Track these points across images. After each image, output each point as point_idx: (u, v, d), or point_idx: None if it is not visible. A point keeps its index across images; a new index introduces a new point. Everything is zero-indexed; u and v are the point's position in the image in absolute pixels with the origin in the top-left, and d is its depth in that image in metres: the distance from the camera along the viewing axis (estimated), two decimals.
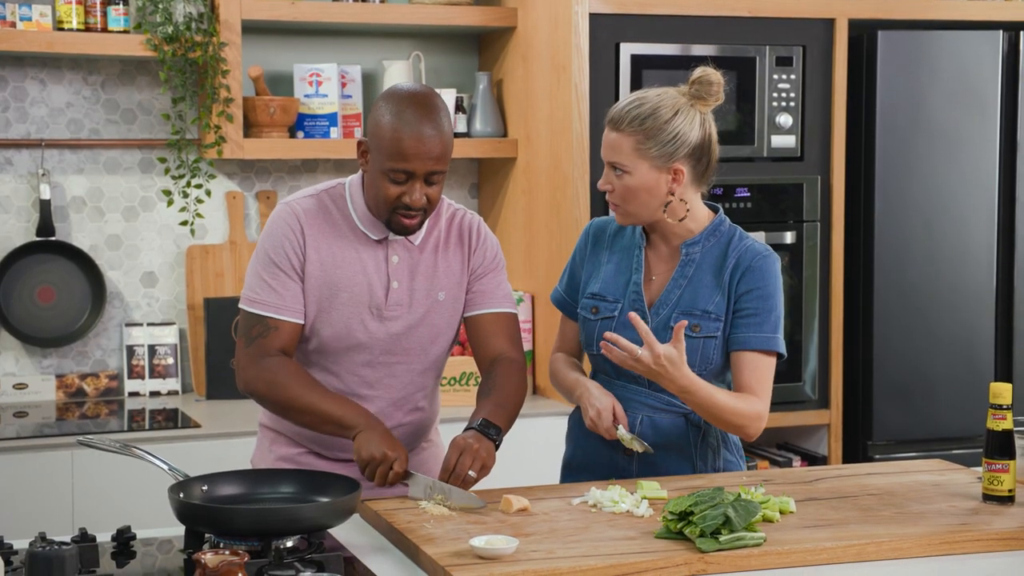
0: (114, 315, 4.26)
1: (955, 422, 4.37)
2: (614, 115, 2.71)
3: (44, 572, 1.83)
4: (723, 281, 2.74)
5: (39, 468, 3.60)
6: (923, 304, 4.32)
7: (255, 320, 2.70)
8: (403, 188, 2.62)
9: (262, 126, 4.12)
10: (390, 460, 2.54)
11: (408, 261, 2.76)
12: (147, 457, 2.50)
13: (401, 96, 2.64)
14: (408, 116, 2.60)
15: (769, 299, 2.73)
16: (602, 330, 2.78)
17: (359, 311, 2.72)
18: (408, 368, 2.79)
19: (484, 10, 4.30)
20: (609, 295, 2.81)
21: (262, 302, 2.70)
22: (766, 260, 2.74)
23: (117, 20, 4.01)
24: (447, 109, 2.68)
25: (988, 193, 4.35)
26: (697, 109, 2.71)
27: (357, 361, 2.75)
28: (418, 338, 2.78)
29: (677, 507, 2.34)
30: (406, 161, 2.59)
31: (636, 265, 2.81)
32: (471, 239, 2.83)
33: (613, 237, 2.88)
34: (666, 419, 2.78)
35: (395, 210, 2.65)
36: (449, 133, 2.65)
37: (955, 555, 2.35)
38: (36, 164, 4.15)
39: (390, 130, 2.60)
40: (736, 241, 2.78)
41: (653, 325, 2.74)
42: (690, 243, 2.77)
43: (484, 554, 2.21)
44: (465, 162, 4.59)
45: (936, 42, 4.29)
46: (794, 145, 4.23)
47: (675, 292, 2.77)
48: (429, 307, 2.77)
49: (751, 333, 2.73)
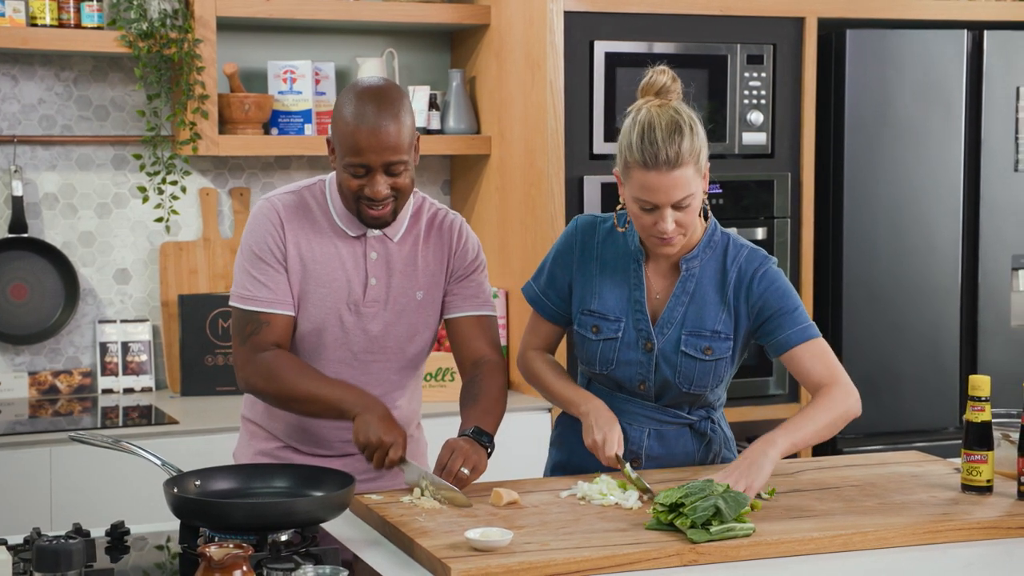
0: (87, 312, 4.24)
1: (922, 415, 4.44)
2: (664, 156, 2.57)
3: (51, 566, 1.84)
4: (727, 297, 2.73)
5: (14, 466, 3.58)
6: (890, 299, 4.39)
7: (247, 317, 2.72)
8: (363, 181, 2.64)
9: (237, 123, 4.12)
10: (386, 446, 2.56)
11: (387, 258, 2.77)
12: (140, 452, 2.51)
13: (357, 91, 2.66)
14: (361, 110, 2.61)
15: (787, 294, 2.73)
16: (605, 351, 2.76)
17: (336, 306, 2.74)
18: (385, 366, 2.80)
19: (458, 7, 4.32)
20: (610, 313, 2.77)
21: (252, 298, 2.72)
22: (766, 264, 2.74)
23: (91, 16, 4.00)
24: (405, 100, 2.67)
25: (953, 189, 4.42)
26: (677, 103, 2.67)
27: (332, 358, 2.76)
28: (395, 336, 2.79)
29: (667, 499, 2.37)
30: (360, 155, 2.61)
31: (636, 281, 2.76)
32: (452, 239, 2.84)
33: (603, 243, 2.81)
34: (671, 430, 2.80)
35: (359, 202, 2.67)
36: (407, 123, 2.64)
37: (938, 544, 2.40)
38: (8, 160, 4.13)
39: (344, 125, 2.63)
40: (732, 251, 2.75)
41: (660, 345, 2.73)
42: (689, 257, 2.74)
43: (480, 546, 2.24)
44: (438, 159, 4.61)
45: (903, 41, 4.35)
46: (765, 142, 4.28)
47: (678, 310, 2.74)
48: (406, 305, 2.78)
49: (791, 330, 2.71)
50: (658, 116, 2.61)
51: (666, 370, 2.73)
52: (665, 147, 2.57)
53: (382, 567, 2.28)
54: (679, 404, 2.78)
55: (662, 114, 2.61)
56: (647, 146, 2.58)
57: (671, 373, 2.73)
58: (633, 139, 2.61)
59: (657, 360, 2.73)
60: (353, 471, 2.68)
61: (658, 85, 2.67)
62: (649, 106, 2.64)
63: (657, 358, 2.73)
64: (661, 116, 2.61)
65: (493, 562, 2.18)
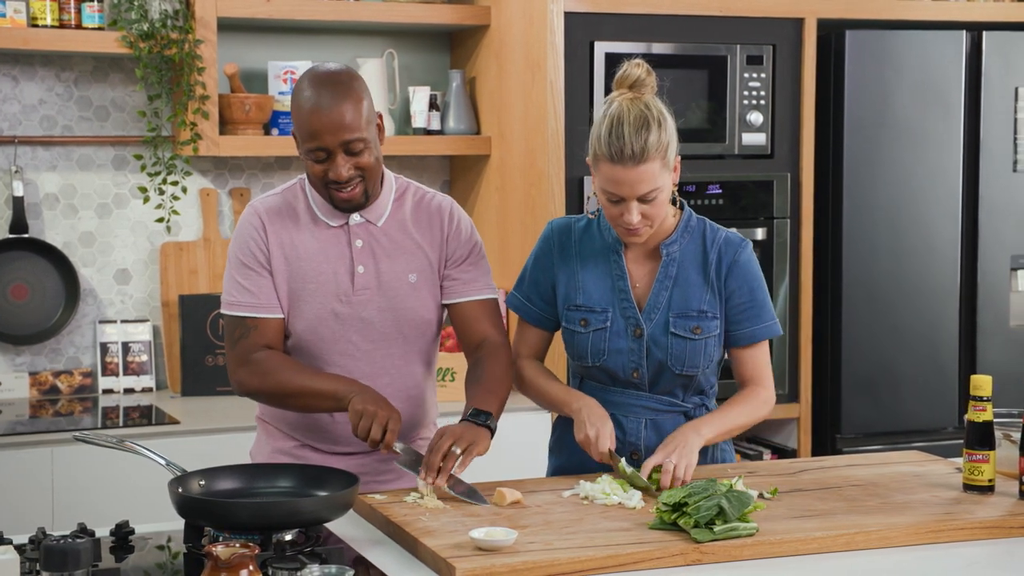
0: (88, 312, 4.25)
1: (921, 415, 4.45)
2: (629, 151, 2.61)
3: (59, 565, 1.84)
4: (710, 278, 2.78)
5: (15, 466, 3.58)
6: (889, 299, 4.39)
7: (236, 323, 2.74)
8: (326, 165, 2.64)
9: (237, 123, 4.12)
10: (383, 417, 2.55)
11: (372, 244, 2.76)
12: (144, 452, 2.51)
13: (308, 76, 2.67)
14: (312, 94, 2.62)
15: (758, 289, 2.80)
16: (596, 342, 2.78)
17: (327, 300, 2.74)
18: (388, 353, 2.78)
19: (457, 8, 4.33)
20: (596, 305, 2.80)
21: (238, 304, 2.73)
22: (744, 250, 2.79)
23: (92, 17, 4.00)
24: (358, 81, 2.67)
25: (952, 189, 4.43)
26: (650, 98, 2.70)
27: (335, 351, 2.76)
28: (393, 322, 2.76)
29: (671, 498, 2.38)
30: (317, 138, 2.61)
31: (618, 272, 2.80)
32: (444, 221, 2.82)
33: (580, 241, 2.84)
34: (667, 419, 2.81)
35: (327, 186, 2.67)
36: (361, 101, 2.64)
37: (941, 544, 2.41)
38: (9, 161, 4.13)
39: (299, 111, 2.64)
40: (710, 233, 2.81)
41: (649, 331, 2.76)
42: (668, 242, 2.78)
43: (484, 546, 2.24)
44: (438, 159, 4.61)
45: (902, 41, 4.36)
46: (764, 143, 4.29)
47: (663, 294, 2.78)
48: (399, 289, 2.77)
49: (754, 327, 2.79)
50: (628, 110, 2.64)
51: (657, 354, 2.75)
52: (632, 142, 2.61)
53: (386, 566, 2.29)
54: (672, 391, 2.80)
55: (632, 108, 2.64)
56: (614, 140, 2.62)
57: (663, 356, 2.75)
58: (602, 132, 2.65)
59: (648, 345, 2.76)
60: (367, 468, 2.70)
61: (632, 78, 2.69)
62: (621, 99, 2.68)
63: (648, 343, 2.76)
64: (631, 110, 2.64)
65: (497, 561, 2.19)
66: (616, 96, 2.70)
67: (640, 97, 2.67)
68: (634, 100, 2.66)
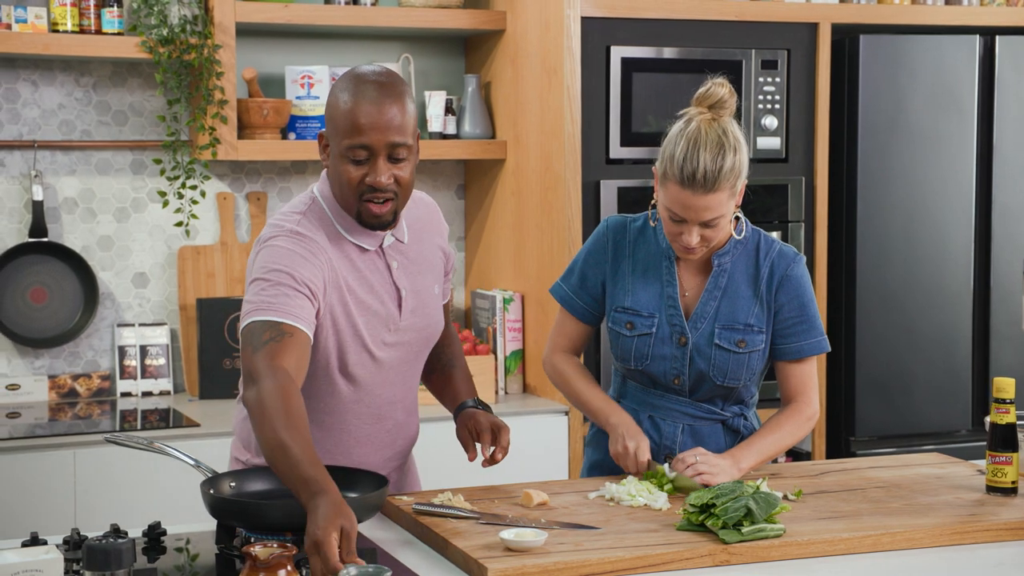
0: (106, 316, 4.27)
1: (934, 418, 4.47)
2: (700, 179, 2.59)
3: (102, 564, 1.86)
4: (760, 291, 2.77)
5: (34, 469, 3.60)
6: (903, 302, 4.41)
7: (266, 326, 2.37)
8: (365, 169, 2.44)
9: (255, 127, 4.15)
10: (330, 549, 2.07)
11: (406, 264, 2.61)
12: (175, 454, 2.53)
13: (356, 75, 2.47)
14: (362, 89, 2.43)
15: (808, 304, 2.79)
16: (640, 346, 2.79)
17: (379, 333, 2.57)
18: (414, 371, 2.70)
19: (473, 13, 4.35)
20: (643, 310, 2.80)
21: (271, 307, 2.39)
22: (797, 264, 2.78)
23: (111, 22, 4.03)
24: (407, 87, 2.49)
25: (965, 193, 4.45)
26: (728, 121, 2.67)
27: (379, 381, 2.62)
28: (425, 341, 2.69)
29: (699, 500, 2.40)
30: (360, 134, 2.41)
31: (668, 278, 2.79)
32: (439, 221, 2.74)
33: (634, 243, 2.83)
34: (705, 426, 2.83)
35: (361, 196, 2.46)
36: (410, 109, 2.46)
37: (966, 545, 2.43)
38: (28, 165, 4.16)
39: (343, 106, 2.43)
40: (764, 246, 2.79)
41: (694, 340, 2.77)
42: (721, 253, 2.77)
43: (514, 546, 2.26)
44: (453, 163, 4.63)
45: (916, 46, 4.38)
46: (779, 147, 4.31)
47: (711, 304, 2.77)
48: (429, 302, 2.67)
49: (803, 342, 2.79)
50: (705, 133, 2.61)
51: (700, 363, 2.76)
52: (704, 169, 2.59)
53: (417, 567, 2.31)
54: (713, 399, 2.81)
55: (710, 132, 2.62)
56: (687, 164, 2.60)
57: (705, 366, 2.76)
58: (676, 152, 2.62)
59: (691, 354, 2.77)
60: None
61: (715, 98, 2.66)
62: (700, 120, 2.65)
63: (691, 352, 2.77)
64: (708, 134, 2.61)
65: (528, 562, 2.20)
66: (695, 114, 2.66)
67: (719, 119, 2.65)
68: (712, 122, 2.63)
